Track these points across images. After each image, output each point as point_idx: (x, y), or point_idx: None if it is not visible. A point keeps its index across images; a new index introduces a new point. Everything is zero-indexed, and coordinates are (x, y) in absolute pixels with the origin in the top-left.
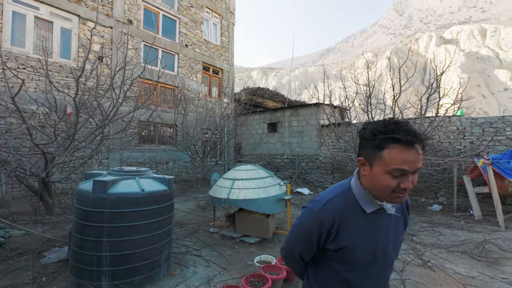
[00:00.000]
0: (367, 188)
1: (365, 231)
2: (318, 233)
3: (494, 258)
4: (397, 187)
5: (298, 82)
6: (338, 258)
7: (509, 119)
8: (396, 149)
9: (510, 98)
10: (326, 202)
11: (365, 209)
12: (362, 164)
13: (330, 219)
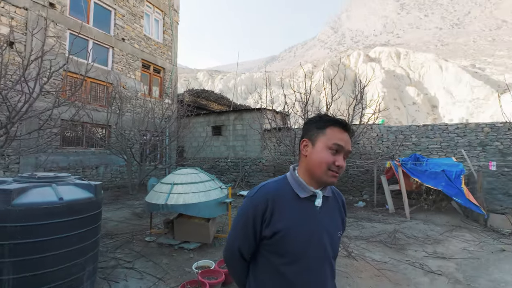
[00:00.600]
0: (304, 174)
1: (298, 216)
2: (253, 219)
3: (401, 244)
4: (332, 165)
5: (244, 87)
6: (274, 248)
7: (414, 128)
8: (336, 129)
9: (417, 111)
10: (260, 187)
11: (299, 194)
12: (305, 146)
13: (264, 202)
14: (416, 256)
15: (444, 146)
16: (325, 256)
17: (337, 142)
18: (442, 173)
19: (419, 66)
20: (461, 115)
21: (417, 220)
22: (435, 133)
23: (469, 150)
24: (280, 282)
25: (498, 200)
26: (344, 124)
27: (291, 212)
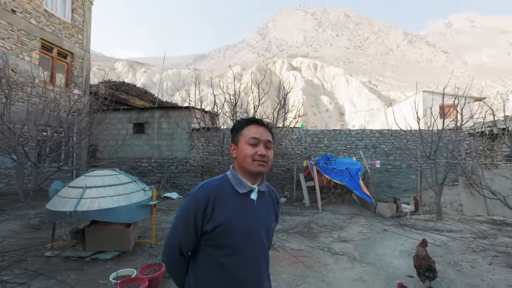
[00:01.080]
0: (239, 172)
1: (238, 210)
2: (194, 215)
3: (314, 233)
4: (255, 155)
5: (171, 83)
6: (215, 241)
7: (326, 132)
8: (251, 127)
9: (329, 117)
10: (202, 185)
11: (238, 189)
12: (233, 149)
13: (205, 199)
14: (325, 242)
15: (348, 147)
16: (262, 248)
17: (253, 136)
18: (345, 171)
19: (331, 78)
20: (361, 123)
21: (327, 211)
22: (341, 137)
23: (365, 151)
24: (220, 273)
25: (384, 191)
26: (256, 121)
27: (231, 206)
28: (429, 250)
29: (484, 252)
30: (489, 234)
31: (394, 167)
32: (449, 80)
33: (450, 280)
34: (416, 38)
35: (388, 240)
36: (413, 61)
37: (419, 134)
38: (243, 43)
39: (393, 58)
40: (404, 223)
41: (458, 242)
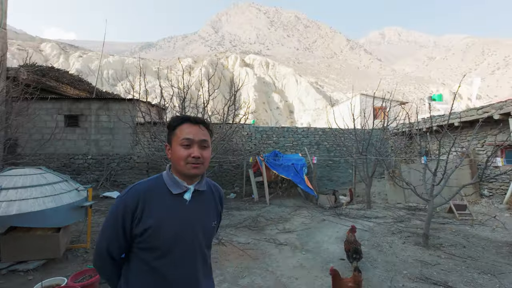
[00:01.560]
0: (174, 172)
1: (168, 211)
2: (123, 218)
3: (261, 226)
4: (188, 158)
5: (113, 71)
6: (145, 244)
7: (275, 129)
8: (184, 126)
9: (280, 114)
10: (132, 187)
11: (172, 190)
12: (168, 150)
13: (134, 201)
14: (271, 234)
15: (294, 144)
16: (196, 247)
17: (185, 137)
18: (292, 166)
19: (282, 77)
20: (308, 121)
21: (274, 205)
22: (289, 134)
23: (310, 148)
24: (152, 277)
25: (325, 184)
26: (190, 119)
27: (162, 208)
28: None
29: (400, 234)
30: (405, 218)
31: (334, 162)
32: (378, 86)
33: (373, 259)
34: (356, 45)
35: (326, 229)
36: (353, 65)
37: (354, 133)
38: (195, 35)
39: (337, 61)
40: (340, 212)
41: (382, 226)
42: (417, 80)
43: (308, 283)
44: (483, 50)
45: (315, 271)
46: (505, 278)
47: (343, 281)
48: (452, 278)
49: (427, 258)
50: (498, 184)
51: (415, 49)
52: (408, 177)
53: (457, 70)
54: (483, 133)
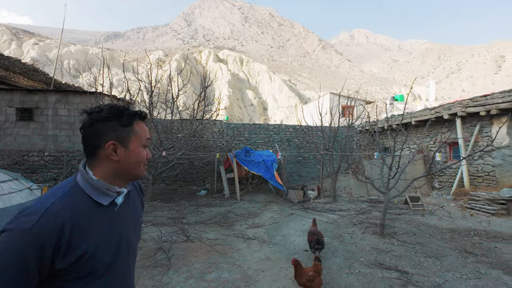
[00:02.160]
0: (110, 176)
1: (106, 227)
2: (37, 259)
3: (231, 222)
4: (145, 160)
5: (74, 62)
6: (75, 273)
7: (247, 126)
8: (139, 123)
9: (253, 111)
10: (45, 212)
11: (101, 202)
12: (114, 149)
13: (56, 230)
14: (240, 229)
15: (266, 141)
16: (131, 251)
17: (148, 137)
18: (262, 162)
19: (256, 74)
20: (281, 118)
21: (245, 200)
22: (261, 131)
23: (281, 144)
24: None
25: (295, 180)
26: (145, 115)
27: (95, 225)
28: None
29: (360, 225)
30: (366, 210)
31: (304, 158)
32: (343, 85)
33: (335, 249)
34: (328, 45)
35: (293, 222)
36: (325, 65)
37: (321, 130)
38: (166, 27)
39: (310, 60)
40: (307, 206)
41: (345, 218)
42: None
43: (273, 275)
44: (439, 56)
45: (281, 263)
46: (446, 260)
47: (305, 270)
48: (402, 263)
49: (382, 246)
50: (447, 177)
51: (381, 51)
52: (371, 172)
53: (418, 73)
54: (435, 131)
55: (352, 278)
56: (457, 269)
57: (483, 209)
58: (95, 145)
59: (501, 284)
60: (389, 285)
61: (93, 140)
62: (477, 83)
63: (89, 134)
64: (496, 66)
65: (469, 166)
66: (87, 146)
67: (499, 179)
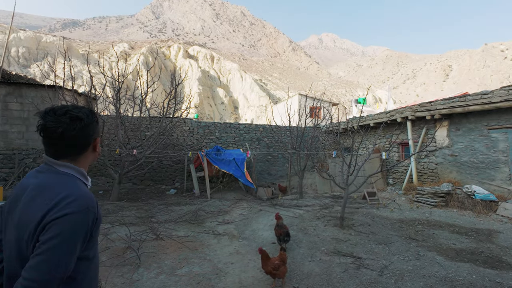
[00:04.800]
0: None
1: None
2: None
3: (201, 219)
4: None
5: (25, 50)
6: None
7: (218, 124)
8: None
9: (224, 109)
10: (89, 194)
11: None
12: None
13: (97, 206)
14: (210, 226)
15: (236, 140)
16: None
17: None
18: (233, 161)
19: (227, 72)
20: (252, 117)
21: (215, 198)
22: (231, 130)
23: (251, 143)
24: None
25: (265, 178)
26: None
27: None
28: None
29: (323, 218)
30: (329, 205)
31: (273, 157)
32: (310, 86)
33: (299, 240)
34: (298, 47)
35: (261, 218)
36: (294, 66)
37: (289, 130)
38: (131, 19)
39: (280, 61)
40: (276, 203)
41: (310, 213)
42: (348, 84)
43: (242, 266)
44: (397, 62)
45: (250, 255)
46: (393, 246)
47: (271, 259)
48: (356, 250)
49: (341, 236)
50: (399, 174)
51: (347, 56)
52: (334, 169)
53: (379, 78)
54: (390, 132)
55: (314, 265)
56: (401, 253)
57: (427, 202)
58: (87, 142)
59: (435, 263)
60: (345, 269)
61: (87, 138)
62: (429, 89)
63: (84, 134)
64: (445, 74)
65: (417, 164)
66: (80, 143)
67: (440, 175)
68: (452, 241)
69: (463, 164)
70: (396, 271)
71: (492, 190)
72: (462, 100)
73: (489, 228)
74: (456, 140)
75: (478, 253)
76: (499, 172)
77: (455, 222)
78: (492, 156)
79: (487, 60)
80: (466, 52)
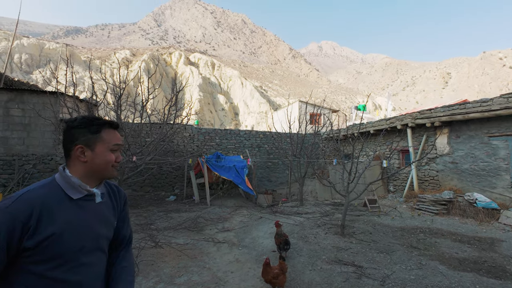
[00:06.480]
0: (83, 176)
1: (73, 217)
2: (9, 233)
3: (201, 226)
4: (114, 162)
5: (28, 56)
6: (41, 255)
7: (218, 131)
8: (111, 131)
9: (225, 116)
10: (21, 195)
11: (71, 196)
12: (82, 152)
13: (27, 211)
14: (210, 233)
15: (237, 146)
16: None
17: (118, 143)
18: (233, 167)
19: (227, 79)
20: (252, 123)
21: (215, 205)
22: (232, 136)
23: (251, 150)
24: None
25: (265, 185)
26: (116, 125)
27: (64, 213)
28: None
29: (324, 226)
30: (330, 212)
31: (273, 164)
32: (311, 93)
33: (300, 248)
34: (298, 54)
35: (262, 225)
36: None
37: (290, 137)
38: (133, 26)
39: (280, 68)
40: (276, 210)
41: (310, 220)
42: (347, 91)
43: (242, 275)
44: (397, 70)
45: (249, 264)
46: (395, 254)
47: (271, 268)
48: (358, 258)
49: (342, 244)
50: (400, 181)
51: (346, 63)
52: (334, 176)
53: (379, 85)
54: (390, 139)
55: (314, 274)
56: (403, 261)
57: (428, 210)
58: (68, 148)
59: (437, 272)
60: (346, 278)
61: (67, 143)
62: (428, 96)
63: (65, 138)
64: (444, 82)
65: (418, 171)
66: (64, 148)
67: (441, 182)
68: (454, 250)
69: (464, 171)
70: (398, 281)
71: (493, 198)
72: (462, 108)
73: (491, 237)
74: (456, 148)
75: (481, 262)
76: (500, 179)
77: (457, 230)
78: (493, 164)
79: (485, 68)
80: (465, 60)
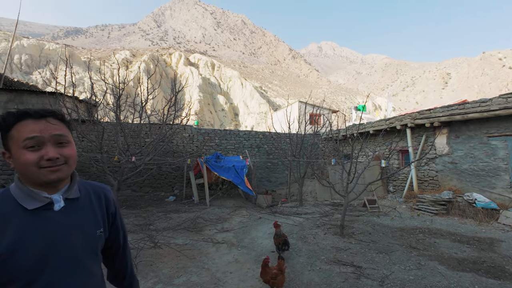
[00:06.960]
0: (28, 182)
1: (29, 232)
2: None
3: (200, 227)
4: (42, 161)
5: (27, 57)
6: None
7: (217, 131)
8: (24, 124)
9: (224, 116)
10: None
11: (26, 206)
12: (8, 157)
13: None
14: (209, 234)
15: (236, 146)
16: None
17: (29, 136)
18: (232, 168)
19: (227, 79)
20: (252, 124)
21: (214, 206)
22: (231, 137)
23: (251, 150)
24: None
25: (265, 185)
26: (30, 113)
27: (16, 229)
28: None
29: (323, 226)
30: (329, 213)
31: (273, 164)
32: (310, 94)
33: (299, 249)
34: (298, 55)
35: (261, 226)
36: (294, 74)
37: (289, 137)
38: (133, 27)
39: (280, 69)
40: (275, 210)
41: (309, 221)
42: (347, 91)
43: (241, 275)
44: (396, 70)
45: (248, 264)
46: (394, 255)
47: (270, 268)
48: (357, 259)
49: (341, 245)
50: (399, 181)
51: (346, 63)
52: (334, 177)
53: (378, 85)
54: (390, 139)
55: (313, 275)
56: (402, 262)
57: (428, 210)
58: None
59: (436, 272)
60: (345, 278)
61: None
62: (428, 96)
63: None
64: (443, 82)
65: (418, 171)
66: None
67: (440, 183)
68: (453, 250)
69: (463, 171)
70: (397, 281)
71: (493, 198)
72: (461, 108)
73: (491, 237)
74: (456, 148)
75: (480, 262)
76: (499, 180)
77: (456, 230)
78: (492, 164)
79: (485, 68)
80: (465, 60)
